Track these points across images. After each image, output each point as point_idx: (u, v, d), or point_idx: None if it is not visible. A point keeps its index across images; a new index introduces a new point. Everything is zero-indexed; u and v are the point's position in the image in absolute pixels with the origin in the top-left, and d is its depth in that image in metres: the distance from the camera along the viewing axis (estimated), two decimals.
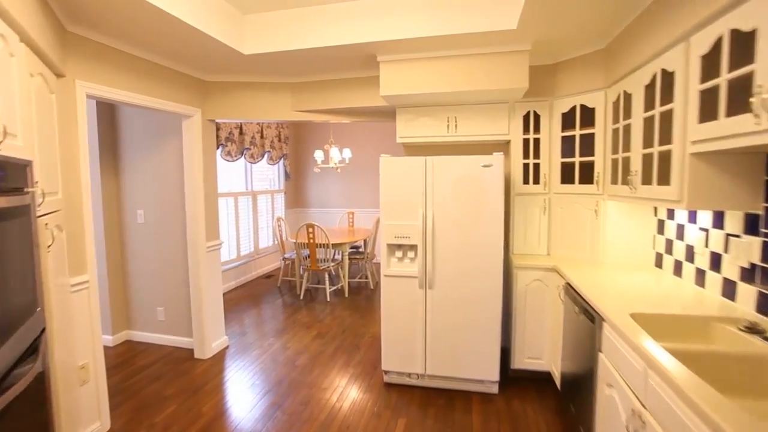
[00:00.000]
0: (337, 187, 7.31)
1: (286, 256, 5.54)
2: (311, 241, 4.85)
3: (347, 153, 5.53)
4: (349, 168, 7.20)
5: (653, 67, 1.97)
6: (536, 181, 3.09)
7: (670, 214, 2.44)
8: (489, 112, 3.07)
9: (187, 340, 3.60)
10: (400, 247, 2.83)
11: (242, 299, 5.10)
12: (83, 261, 2.30)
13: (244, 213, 5.82)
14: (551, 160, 3.03)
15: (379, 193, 7.35)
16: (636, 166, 2.17)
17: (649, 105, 2.05)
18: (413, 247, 2.83)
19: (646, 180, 2.08)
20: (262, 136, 6.16)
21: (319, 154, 5.46)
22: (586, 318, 2.05)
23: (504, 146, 3.34)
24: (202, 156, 3.32)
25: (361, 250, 5.88)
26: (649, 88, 2.05)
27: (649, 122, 2.07)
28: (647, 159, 2.08)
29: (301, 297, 5.09)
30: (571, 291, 2.38)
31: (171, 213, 3.55)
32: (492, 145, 3.39)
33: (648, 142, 2.06)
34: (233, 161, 5.45)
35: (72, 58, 2.23)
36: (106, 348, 3.66)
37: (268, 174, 7.00)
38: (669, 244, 2.44)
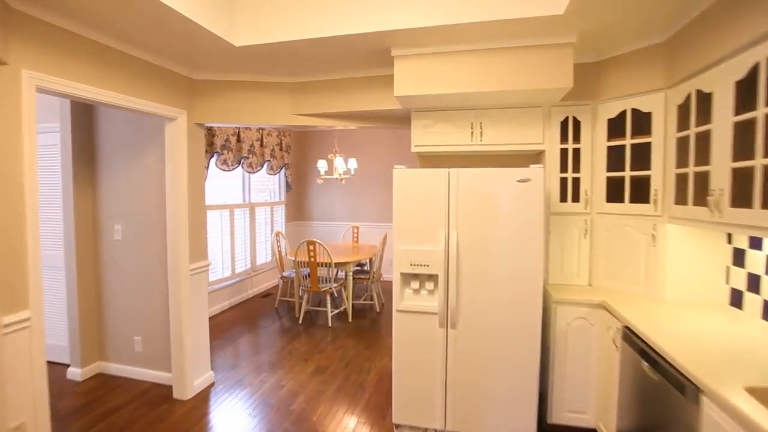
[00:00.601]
0: (341, 199, 6.87)
1: (285, 274, 5.08)
2: (312, 259, 4.39)
3: (353, 163, 5.11)
4: (355, 180, 6.77)
5: (752, 57, 1.53)
6: (575, 199, 2.63)
7: (754, 242, 1.97)
8: (520, 118, 2.63)
9: (166, 376, 3.13)
10: (416, 276, 2.37)
11: (235, 322, 4.63)
12: (23, 293, 1.84)
13: (240, 227, 5.37)
14: (594, 174, 2.57)
15: (386, 208, 6.99)
16: (720, 183, 1.71)
17: (744, 105, 1.60)
18: (432, 278, 2.36)
19: (740, 201, 1.62)
20: (261, 144, 5.75)
21: (322, 164, 5.03)
22: (664, 379, 1.57)
23: (535, 158, 2.89)
24: (187, 165, 2.88)
25: (366, 268, 5.41)
26: (744, 84, 1.60)
27: (743, 127, 1.61)
28: (741, 175, 1.62)
29: (300, 321, 4.61)
30: (632, 337, 1.90)
31: (152, 229, 3.10)
32: (523, 156, 2.95)
33: (744, 154, 1.60)
34: (230, 170, 5.03)
35: (17, 42, 1.81)
36: (73, 384, 3.19)
37: (267, 185, 6.57)
38: (753, 279, 1.96)
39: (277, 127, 2.95)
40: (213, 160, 4.76)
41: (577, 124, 2.62)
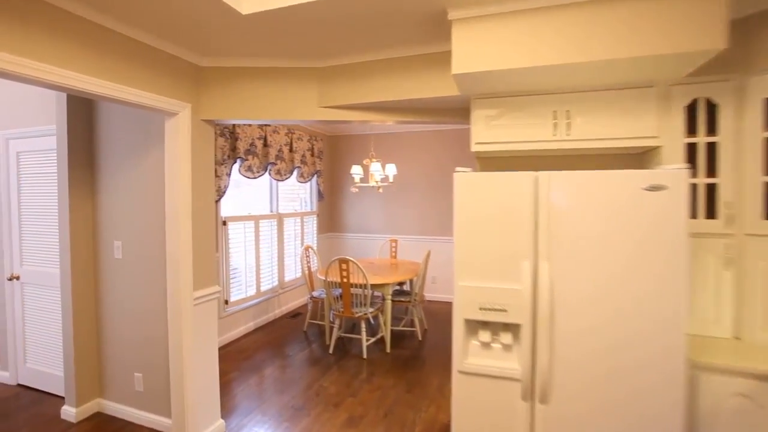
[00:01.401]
0: (378, 210, 6.26)
1: (315, 294, 4.50)
2: (345, 280, 3.78)
3: (391, 169, 4.48)
4: (393, 188, 6.14)
5: None
6: (710, 215, 1.87)
7: None
8: (624, 102, 1.90)
9: (169, 423, 2.60)
10: (486, 324, 1.68)
11: (259, 348, 4.09)
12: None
13: (266, 240, 4.87)
14: (743, 178, 1.80)
15: (429, 219, 6.28)
16: None
17: None
18: (511, 328, 1.67)
19: None
20: (291, 149, 5.25)
21: (357, 170, 4.44)
22: None
23: (642, 157, 2.15)
24: (191, 171, 2.36)
25: (406, 288, 4.75)
26: None
27: None
28: None
29: (331, 350, 4.00)
30: None
31: (155, 247, 2.60)
32: (626, 156, 2.21)
33: None
34: (255, 178, 4.54)
35: None
36: (67, 425, 2.72)
37: (299, 193, 6.08)
38: None
39: (301, 123, 2.35)
40: (236, 167, 4.29)
41: (711, 108, 1.86)
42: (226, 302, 4.17)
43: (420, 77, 2.24)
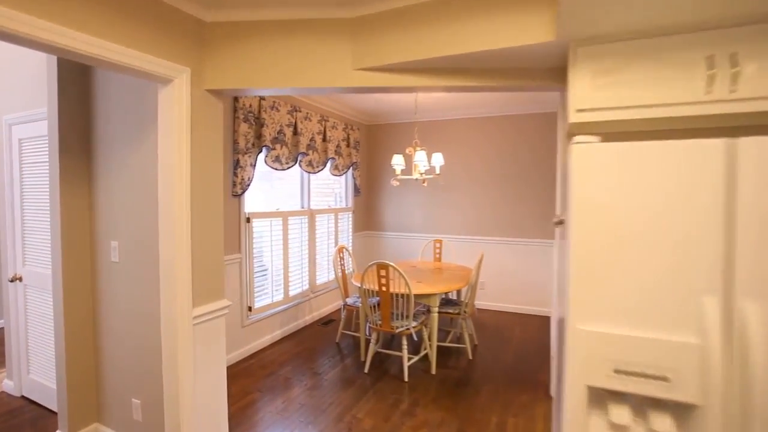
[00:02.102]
0: (421, 206, 5.63)
1: (349, 301, 3.96)
2: (384, 289, 3.20)
3: (438, 159, 3.84)
4: (439, 181, 5.49)
5: None
6: None
7: None
8: None
9: None
10: (622, 397, 1.03)
11: (285, 362, 3.59)
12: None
13: (296, 239, 4.37)
14: None
15: (481, 217, 5.44)
16: None
17: None
18: (675, 407, 1.00)
19: None
20: (324, 138, 4.73)
21: (398, 161, 3.84)
22: None
23: None
24: (189, 156, 1.84)
25: (453, 297, 4.11)
26: None
27: None
28: None
29: (366, 368, 3.44)
30: None
31: (156, 249, 2.12)
32: None
33: None
34: (283, 169, 4.05)
35: None
36: None
37: (333, 187, 5.56)
38: None
39: (333, 92, 1.76)
40: (262, 156, 3.80)
41: None
42: (250, 309, 3.71)
43: (494, 21, 1.60)
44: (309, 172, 4.48)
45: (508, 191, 5.12)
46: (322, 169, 4.67)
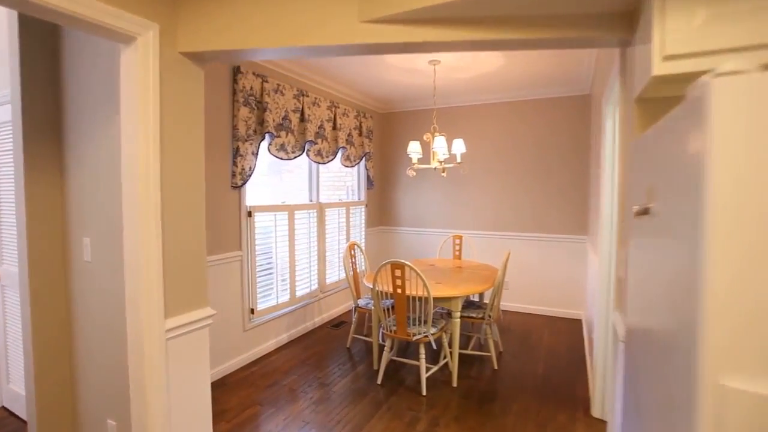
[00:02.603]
0: (439, 198, 5.23)
1: (361, 303, 3.61)
2: (399, 291, 2.84)
3: (459, 146, 3.44)
4: (459, 171, 5.08)
5: None
6: None
7: None
8: None
9: None
10: None
11: (290, 369, 3.27)
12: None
13: (304, 235, 4.04)
14: None
15: (507, 211, 4.87)
16: None
17: None
18: None
19: None
20: (334, 126, 4.37)
21: (414, 148, 3.45)
22: None
23: None
24: (158, 133, 1.50)
25: (475, 299, 3.72)
26: None
27: None
28: None
29: (380, 379, 3.08)
30: None
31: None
32: None
33: None
34: (289, 159, 3.71)
35: None
36: None
37: (344, 180, 5.21)
38: None
39: (336, 52, 1.36)
40: (264, 144, 3.47)
41: None
42: (252, 311, 3.39)
43: None
44: (318, 163, 4.13)
45: (534, 183, 4.68)
46: (332, 159, 4.32)
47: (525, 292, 4.80)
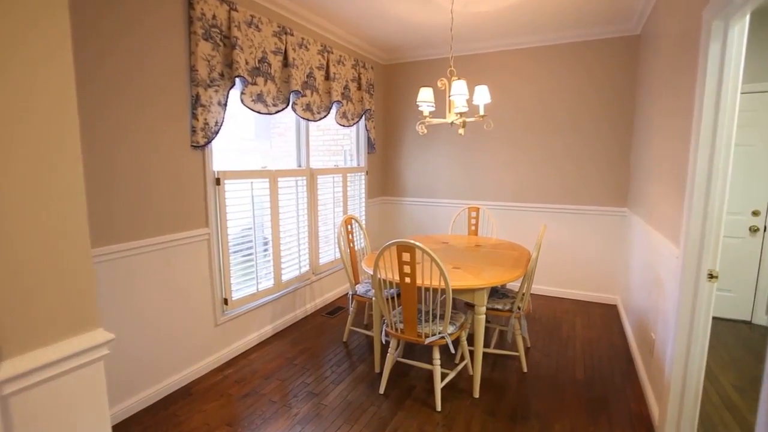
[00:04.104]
0: (453, 164, 4.48)
1: (359, 290, 2.97)
2: (408, 281, 2.17)
3: (483, 94, 2.68)
4: (479, 128, 4.32)
5: None
6: None
7: None
8: None
9: None
10: None
11: (272, 371, 2.66)
12: None
13: (290, 207, 3.35)
14: None
15: (535, 180, 4.15)
16: None
17: None
18: None
19: None
20: (327, 76, 3.60)
21: (426, 96, 2.70)
22: None
23: None
24: None
25: (499, 287, 3.07)
26: None
27: None
28: None
29: (382, 389, 2.47)
30: None
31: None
32: None
33: None
34: (270, 113, 2.97)
35: None
36: None
37: (342, 143, 4.48)
38: None
39: None
40: (238, 93, 2.73)
41: None
42: (225, 302, 2.76)
43: None
44: (307, 120, 3.39)
45: (565, 146, 3.93)
46: (324, 116, 3.57)
47: (552, 273, 4.15)
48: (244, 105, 2.77)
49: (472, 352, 2.77)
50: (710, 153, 1.74)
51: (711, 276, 1.82)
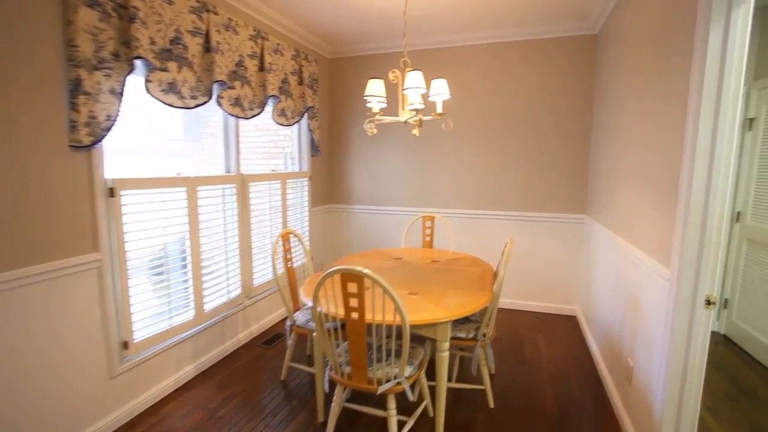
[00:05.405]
0: (406, 168, 4.12)
1: (299, 320, 2.50)
2: (355, 317, 1.74)
3: (441, 89, 2.31)
4: (437, 127, 4.00)
5: None
6: None
7: None
8: None
9: None
10: None
11: (187, 430, 2.12)
12: None
13: (215, 220, 2.81)
14: None
15: (494, 186, 3.72)
16: None
17: None
18: None
19: None
20: (261, 67, 3.09)
21: (376, 89, 2.29)
22: None
23: None
24: None
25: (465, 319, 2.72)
26: None
27: None
28: None
29: None
30: None
31: None
32: None
33: None
34: (187, 108, 2.43)
35: None
36: None
37: (281, 143, 3.98)
38: None
39: None
40: (137, 80, 2.16)
41: None
42: (125, 345, 2.17)
43: None
44: (236, 116, 2.86)
45: (525, 148, 3.71)
46: (258, 113, 3.06)
47: (511, 284, 3.90)
48: (151, 95, 2.21)
49: (432, 388, 2.40)
50: (709, 163, 1.48)
51: (708, 302, 1.56)
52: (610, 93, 2.86)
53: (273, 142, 4.09)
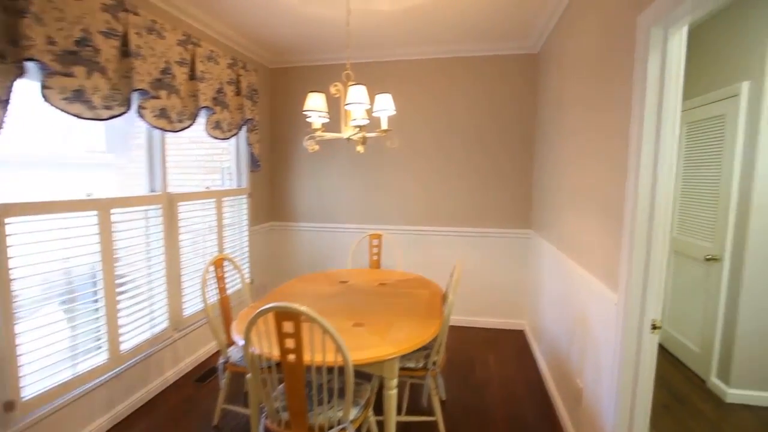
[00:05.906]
0: (352, 184, 3.96)
1: (233, 356, 2.24)
2: (293, 359, 1.54)
3: (385, 104, 2.20)
4: (379, 146, 3.88)
5: None
6: None
7: None
8: None
9: None
10: None
11: None
12: None
13: (137, 247, 2.49)
14: None
15: (444, 202, 3.69)
16: None
17: None
18: None
19: None
20: (192, 76, 2.82)
21: (316, 103, 2.12)
22: None
23: None
24: None
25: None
26: None
27: None
28: None
29: None
30: None
31: None
32: None
33: None
34: (99, 120, 2.12)
35: None
36: None
37: (218, 157, 3.69)
38: None
39: None
40: (30, 84, 1.84)
41: None
42: (11, 407, 1.80)
43: None
44: (162, 129, 2.57)
45: (472, 165, 3.70)
46: (189, 125, 2.78)
47: (459, 300, 3.85)
48: (51, 104, 1.90)
49: (381, 423, 2.23)
50: (651, 193, 1.47)
51: (654, 327, 1.55)
52: (554, 111, 2.90)
53: (209, 156, 3.78)
